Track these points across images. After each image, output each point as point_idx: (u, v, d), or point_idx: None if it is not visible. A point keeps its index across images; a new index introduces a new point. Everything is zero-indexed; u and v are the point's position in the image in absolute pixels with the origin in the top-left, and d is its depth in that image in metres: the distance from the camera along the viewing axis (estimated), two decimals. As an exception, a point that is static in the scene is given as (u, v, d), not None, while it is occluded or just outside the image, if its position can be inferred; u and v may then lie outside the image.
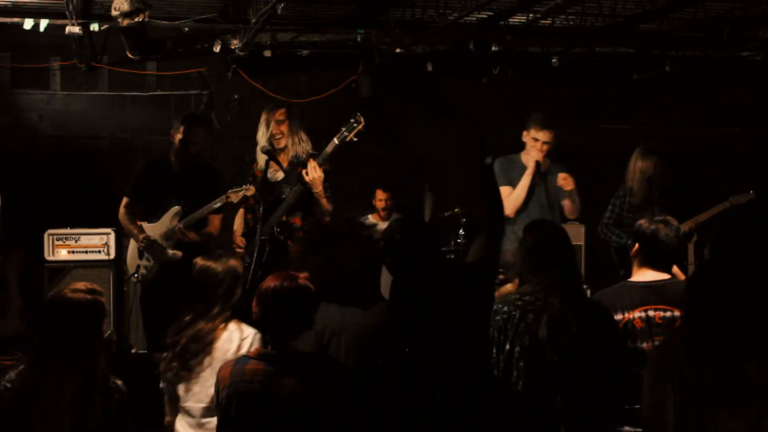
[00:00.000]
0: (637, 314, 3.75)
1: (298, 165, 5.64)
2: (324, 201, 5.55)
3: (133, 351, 6.48)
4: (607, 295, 3.88)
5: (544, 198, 5.98)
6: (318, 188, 5.47)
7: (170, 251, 5.58)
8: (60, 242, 6.56)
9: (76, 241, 6.58)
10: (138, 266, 5.77)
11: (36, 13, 6.55)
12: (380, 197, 7.55)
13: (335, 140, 5.49)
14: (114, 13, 5.96)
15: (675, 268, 4.10)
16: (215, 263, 3.96)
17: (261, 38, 7.18)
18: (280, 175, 5.68)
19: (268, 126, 5.72)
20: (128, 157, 7.39)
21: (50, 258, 6.55)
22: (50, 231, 6.58)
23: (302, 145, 5.73)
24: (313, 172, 5.44)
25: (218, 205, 5.59)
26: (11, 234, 6.62)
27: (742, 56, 8.11)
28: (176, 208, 5.69)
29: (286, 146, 5.72)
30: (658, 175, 6.14)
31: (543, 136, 5.96)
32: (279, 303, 3.26)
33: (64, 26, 6.45)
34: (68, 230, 6.60)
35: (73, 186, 7.24)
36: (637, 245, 3.95)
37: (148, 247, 5.63)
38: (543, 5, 6.68)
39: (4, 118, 7.39)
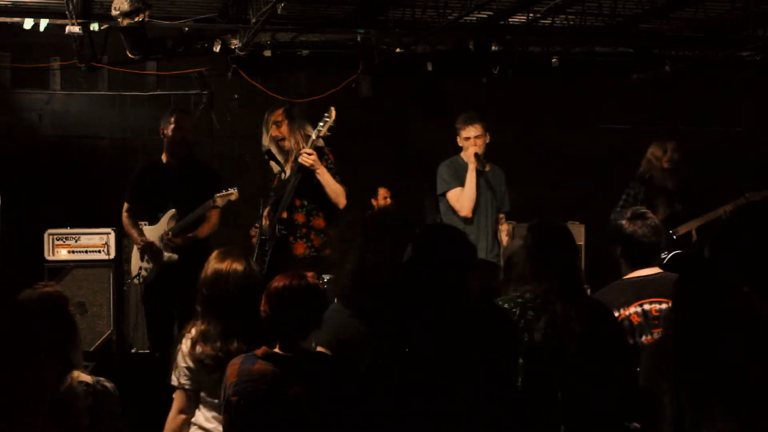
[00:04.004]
0: (633, 309, 3.75)
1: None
2: (329, 178, 5.33)
3: (133, 351, 6.49)
4: (601, 295, 3.87)
5: (489, 194, 6.00)
6: (318, 166, 5.26)
7: (166, 254, 5.56)
8: (60, 242, 6.57)
9: (76, 241, 6.58)
10: (140, 268, 5.77)
11: (36, 13, 6.55)
12: (384, 195, 7.56)
13: (312, 136, 5.39)
14: (114, 12, 5.97)
15: None
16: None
17: (261, 38, 7.18)
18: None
19: (268, 129, 5.65)
20: (128, 157, 7.39)
21: (50, 258, 6.55)
22: (50, 231, 6.58)
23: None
24: (306, 157, 5.25)
25: (205, 209, 5.56)
26: (11, 234, 6.63)
27: (742, 56, 8.11)
28: (171, 211, 5.67)
29: (290, 148, 5.63)
30: (675, 160, 6.30)
31: (473, 131, 5.94)
32: (288, 303, 3.23)
33: (64, 26, 6.43)
34: (68, 230, 6.60)
35: (73, 186, 7.23)
36: (620, 246, 3.93)
37: (146, 250, 5.62)
38: (543, 5, 6.68)
39: (4, 118, 7.39)
